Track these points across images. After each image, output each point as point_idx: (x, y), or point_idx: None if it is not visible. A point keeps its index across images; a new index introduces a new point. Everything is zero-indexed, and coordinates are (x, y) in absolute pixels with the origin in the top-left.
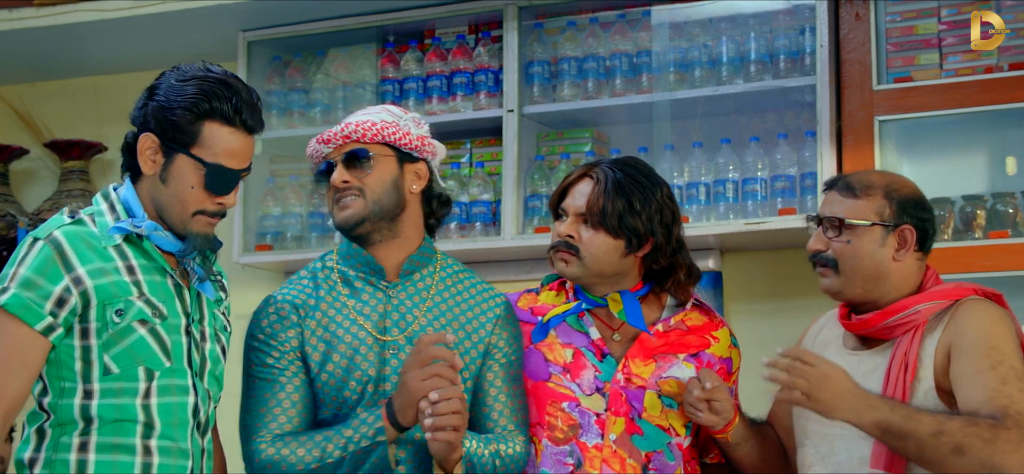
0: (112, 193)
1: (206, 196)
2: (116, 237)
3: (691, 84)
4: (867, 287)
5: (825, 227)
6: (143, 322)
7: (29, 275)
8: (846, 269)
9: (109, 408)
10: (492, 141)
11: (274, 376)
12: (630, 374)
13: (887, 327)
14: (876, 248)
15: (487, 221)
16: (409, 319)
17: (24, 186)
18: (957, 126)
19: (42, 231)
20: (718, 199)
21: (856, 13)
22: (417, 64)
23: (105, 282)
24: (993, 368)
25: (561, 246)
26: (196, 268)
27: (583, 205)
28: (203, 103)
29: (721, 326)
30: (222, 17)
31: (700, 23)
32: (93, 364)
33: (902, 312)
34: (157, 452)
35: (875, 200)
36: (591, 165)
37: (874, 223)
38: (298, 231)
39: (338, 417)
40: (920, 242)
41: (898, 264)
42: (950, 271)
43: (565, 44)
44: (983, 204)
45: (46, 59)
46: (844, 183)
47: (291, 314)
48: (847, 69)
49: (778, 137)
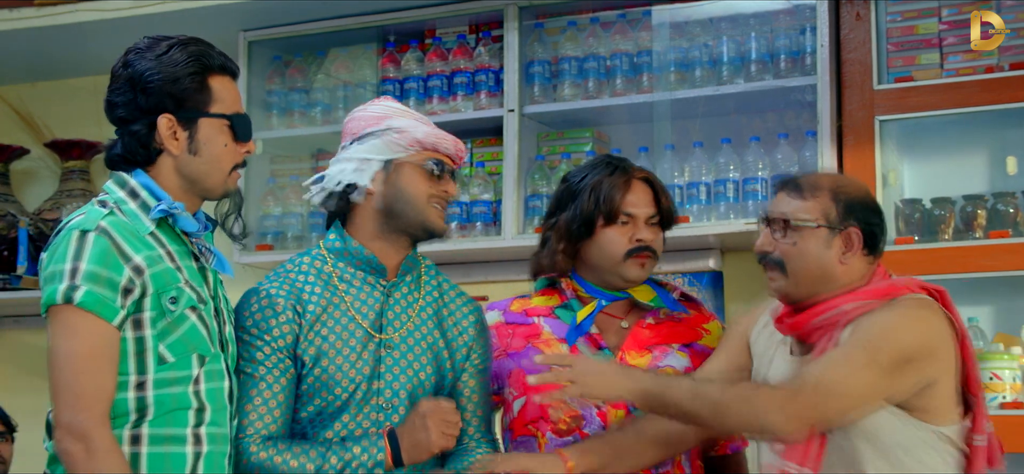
0: (131, 181)
1: (236, 148)
2: (151, 223)
3: (692, 84)
4: (813, 289)
5: (772, 227)
6: (193, 309)
7: (94, 269)
8: (792, 270)
9: (165, 398)
10: (493, 141)
11: (262, 373)
12: (626, 364)
13: (811, 328)
14: (822, 250)
15: (487, 221)
16: (404, 318)
17: (25, 186)
18: (958, 126)
19: (87, 223)
20: (719, 199)
21: (857, 13)
22: (418, 64)
23: (158, 270)
24: (856, 346)
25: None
26: (212, 247)
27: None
28: (202, 61)
29: (711, 319)
30: (222, 17)
31: (701, 23)
32: (147, 354)
33: (824, 314)
34: (206, 440)
35: (822, 201)
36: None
37: (819, 224)
38: (298, 231)
39: (323, 414)
40: (868, 244)
41: (844, 266)
42: (951, 271)
43: (566, 44)
44: (984, 204)
45: (47, 59)
46: (792, 184)
47: (286, 310)
48: (848, 69)
49: (779, 137)
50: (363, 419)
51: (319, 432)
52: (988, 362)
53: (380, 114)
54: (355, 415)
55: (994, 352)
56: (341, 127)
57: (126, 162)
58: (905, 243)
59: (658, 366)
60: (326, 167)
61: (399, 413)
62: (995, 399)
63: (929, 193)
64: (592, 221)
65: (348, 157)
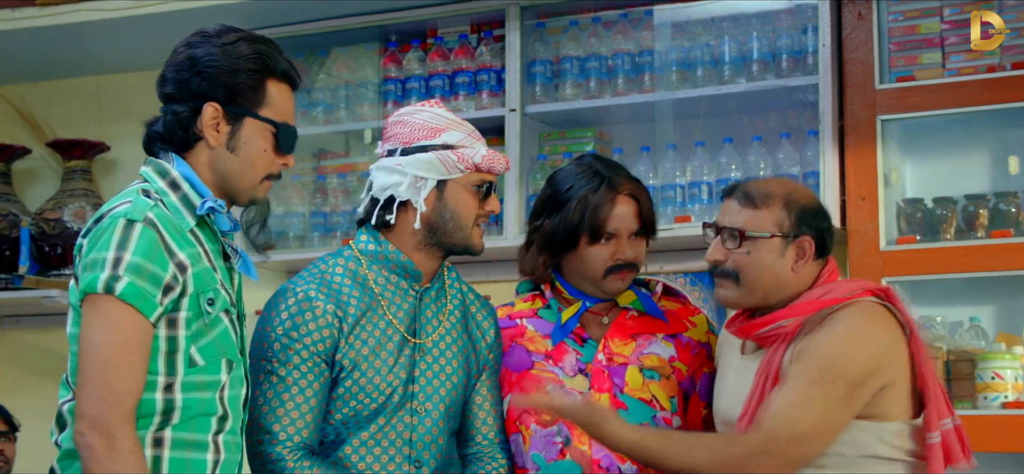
0: (171, 171)
1: (275, 158)
2: (193, 219)
3: (693, 83)
4: (766, 297)
5: (724, 237)
6: (226, 312)
7: (139, 261)
8: (746, 280)
9: (193, 402)
10: (494, 141)
11: (296, 377)
12: (611, 353)
13: (761, 337)
14: (776, 259)
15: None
16: (435, 323)
17: (26, 186)
18: (959, 125)
19: (134, 213)
20: (720, 199)
21: (858, 12)
22: (419, 64)
23: (198, 269)
24: (811, 384)
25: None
26: (239, 248)
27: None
28: (265, 62)
29: (697, 312)
30: (224, 17)
31: (702, 22)
32: (178, 355)
33: (770, 325)
34: (223, 447)
35: (774, 211)
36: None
37: (773, 235)
38: (300, 230)
39: (358, 416)
40: (818, 250)
41: (796, 274)
42: (952, 271)
43: (567, 43)
44: (986, 203)
45: (48, 59)
46: (742, 192)
47: (327, 314)
48: (849, 68)
49: (780, 136)
50: (397, 423)
51: (353, 434)
52: (990, 362)
53: (434, 125)
54: (390, 418)
55: (996, 352)
56: (342, 126)
57: (163, 141)
58: (907, 243)
59: (643, 354)
60: (328, 167)
61: (432, 418)
62: (997, 399)
63: (931, 193)
64: (577, 237)
65: (400, 169)
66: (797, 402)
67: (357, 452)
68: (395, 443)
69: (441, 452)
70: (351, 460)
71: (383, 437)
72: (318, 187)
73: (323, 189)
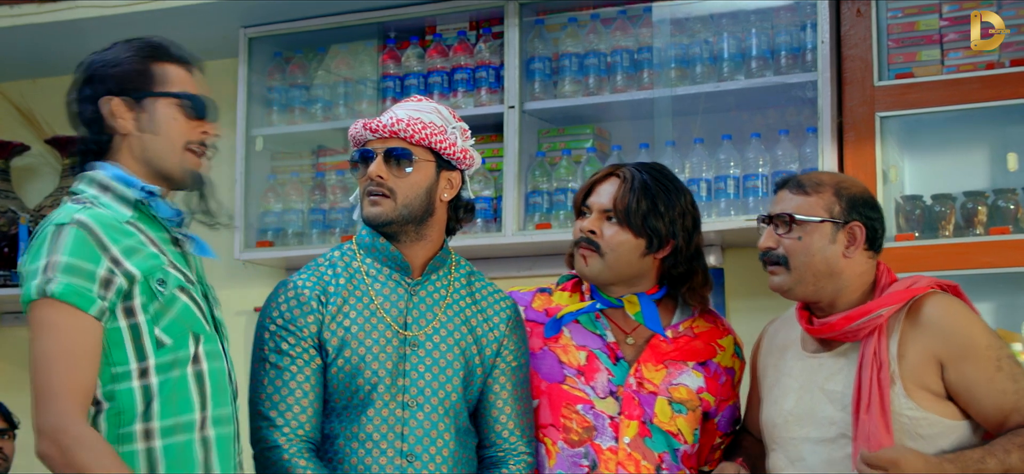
0: (99, 175)
1: (190, 126)
2: (129, 209)
3: (692, 80)
4: (818, 284)
5: (775, 224)
6: (181, 289)
7: (69, 260)
8: (797, 265)
9: (168, 382)
10: (493, 137)
11: (287, 363)
12: (642, 378)
13: (851, 331)
14: (826, 244)
15: (488, 217)
16: (429, 317)
17: (25, 182)
18: (958, 122)
19: (63, 217)
20: (719, 195)
21: (857, 9)
22: (418, 60)
23: (139, 258)
24: (998, 369)
25: (583, 242)
26: (188, 233)
27: (608, 202)
28: (143, 51)
29: (726, 333)
30: (223, 13)
31: (701, 19)
32: (144, 340)
33: (866, 316)
34: (211, 423)
35: (825, 197)
36: (618, 165)
37: (824, 219)
38: (299, 227)
39: (350, 408)
40: (869, 241)
41: (848, 261)
42: (952, 268)
43: (566, 40)
44: (984, 200)
45: (47, 55)
46: (795, 182)
47: (311, 300)
48: (848, 65)
49: (779, 133)
50: (389, 415)
51: (347, 429)
52: None
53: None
54: (380, 410)
55: None
56: (341, 124)
57: (87, 155)
58: (906, 240)
59: (672, 384)
60: (326, 164)
61: (424, 411)
62: None
63: (930, 189)
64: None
65: None
66: (1010, 389)
67: (349, 445)
68: (387, 437)
69: (445, 450)
70: (343, 453)
71: (374, 430)
72: (317, 184)
73: (322, 186)
